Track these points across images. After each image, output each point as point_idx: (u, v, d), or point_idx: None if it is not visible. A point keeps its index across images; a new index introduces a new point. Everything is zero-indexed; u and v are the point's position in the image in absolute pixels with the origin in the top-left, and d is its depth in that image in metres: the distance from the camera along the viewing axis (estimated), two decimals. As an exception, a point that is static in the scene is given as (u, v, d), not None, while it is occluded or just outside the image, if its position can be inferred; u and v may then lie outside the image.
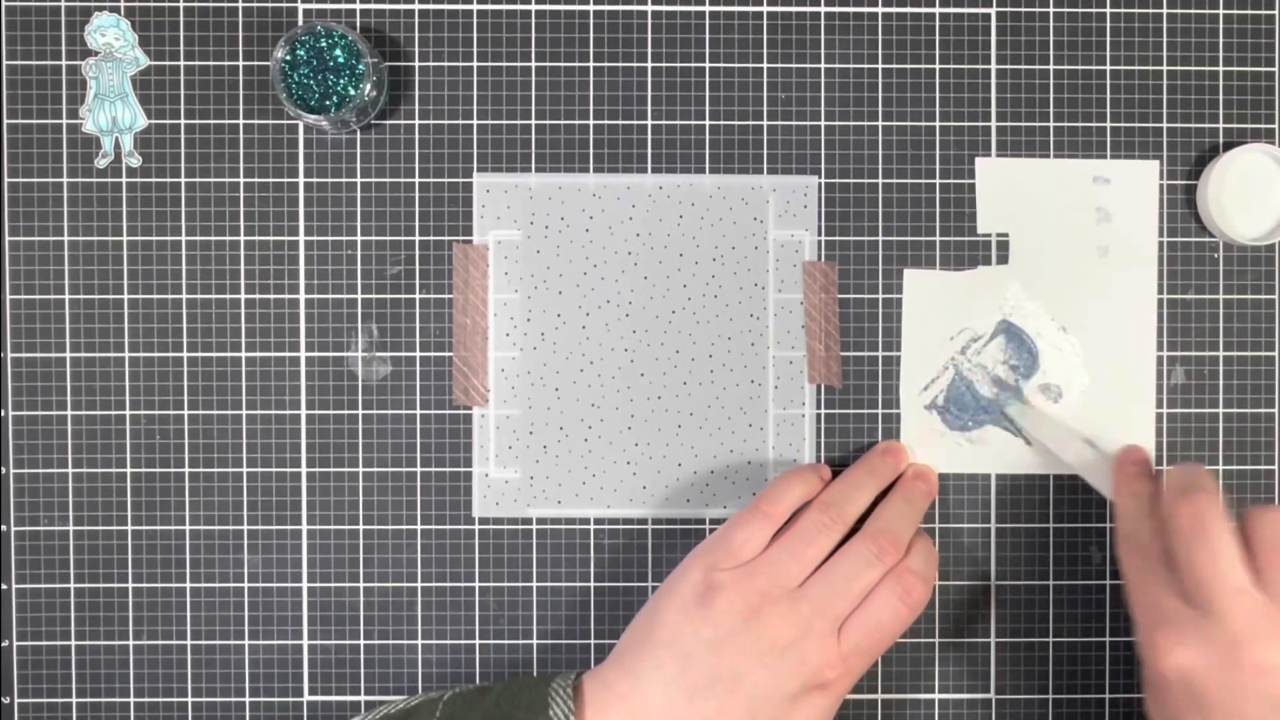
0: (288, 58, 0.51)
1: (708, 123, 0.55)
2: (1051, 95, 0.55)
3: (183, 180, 0.54)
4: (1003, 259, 0.54)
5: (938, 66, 0.55)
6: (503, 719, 0.46)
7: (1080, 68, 0.55)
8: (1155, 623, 0.44)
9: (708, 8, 0.54)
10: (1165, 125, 0.55)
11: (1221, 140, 0.55)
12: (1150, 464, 0.51)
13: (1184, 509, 0.45)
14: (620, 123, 0.54)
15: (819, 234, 0.54)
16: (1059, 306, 0.54)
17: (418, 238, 0.54)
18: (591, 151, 0.54)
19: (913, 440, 0.54)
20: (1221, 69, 0.55)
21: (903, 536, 0.49)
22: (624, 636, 0.49)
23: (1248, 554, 0.44)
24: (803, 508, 0.50)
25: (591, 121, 0.54)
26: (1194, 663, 0.43)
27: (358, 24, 0.54)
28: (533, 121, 0.54)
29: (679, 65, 0.55)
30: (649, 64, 0.55)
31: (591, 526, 0.55)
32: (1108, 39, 0.55)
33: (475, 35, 0.54)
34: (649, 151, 0.54)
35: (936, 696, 0.55)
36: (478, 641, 0.55)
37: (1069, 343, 0.54)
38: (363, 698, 0.54)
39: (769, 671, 0.46)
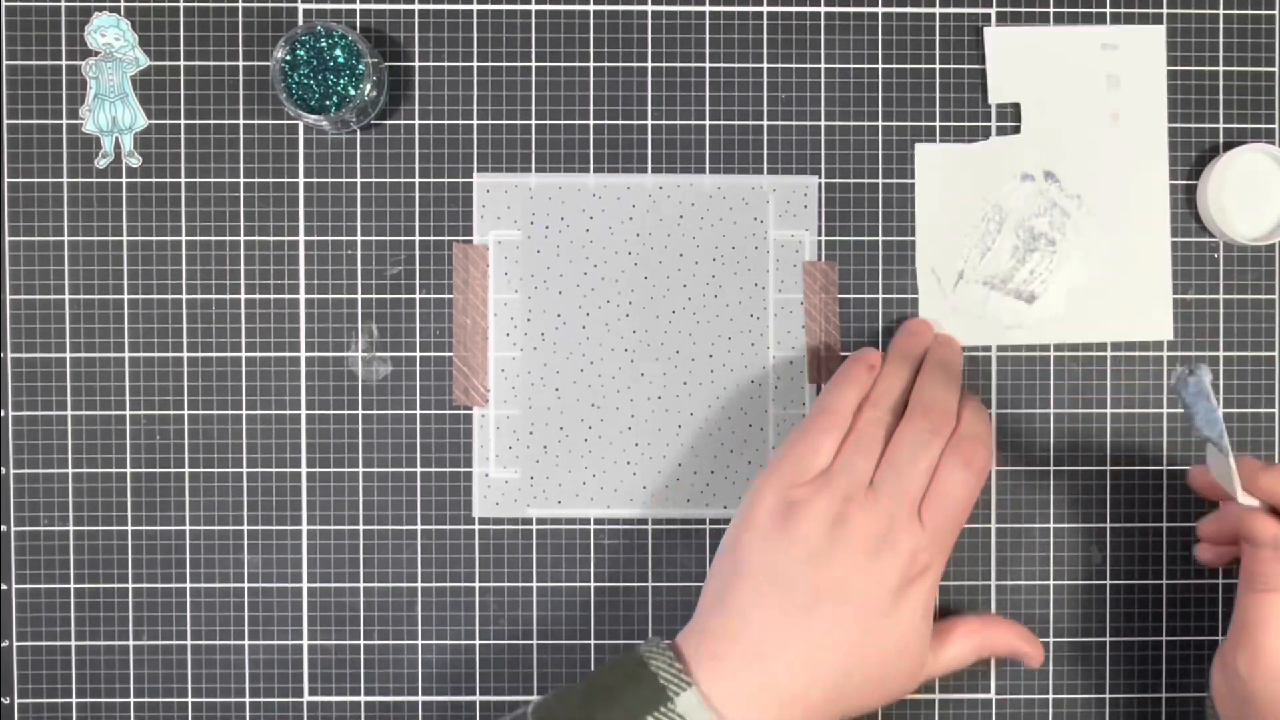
0: (288, 58, 0.51)
1: (708, 123, 0.55)
2: (1051, 95, 0.55)
3: (183, 180, 0.54)
4: (1015, 129, 0.54)
5: (937, 66, 0.55)
6: (605, 694, 0.45)
7: (1080, 68, 0.55)
8: None
9: (708, 8, 0.54)
10: (1165, 125, 0.55)
11: (1221, 140, 0.55)
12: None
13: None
14: (620, 123, 0.54)
15: (819, 234, 0.54)
16: (1072, 175, 0.54)
17: (418, 238, 0.54)
18: (591, 151, 0.54)
19: (930, 319, 0.54)
20: (1221, 69, 0.55)
21: (950, 404, 0.49)
22: (707, 585, 0.48)
23: None
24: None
25: (591, 121, 0.54)
26: None
27: (358, 24, 0.54)
28: (533, 121, 0.54)
29: (679, 65, 0.55)
30: (649, 64, 0.55)
31: (591, 526, 0.55)
32: (1108, 39, 0.55)
33: (475, 35, 0.54)
34: (649, 151, 0.54)
35: (937, 696, 0.55)
36: (478, 641, 0.55)
37: (1083, 214, 0.54)
38: (363, 698, 0.54)
39: (868, 572, 0.45)
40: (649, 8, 0.54)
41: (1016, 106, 0.54)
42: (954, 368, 0.52)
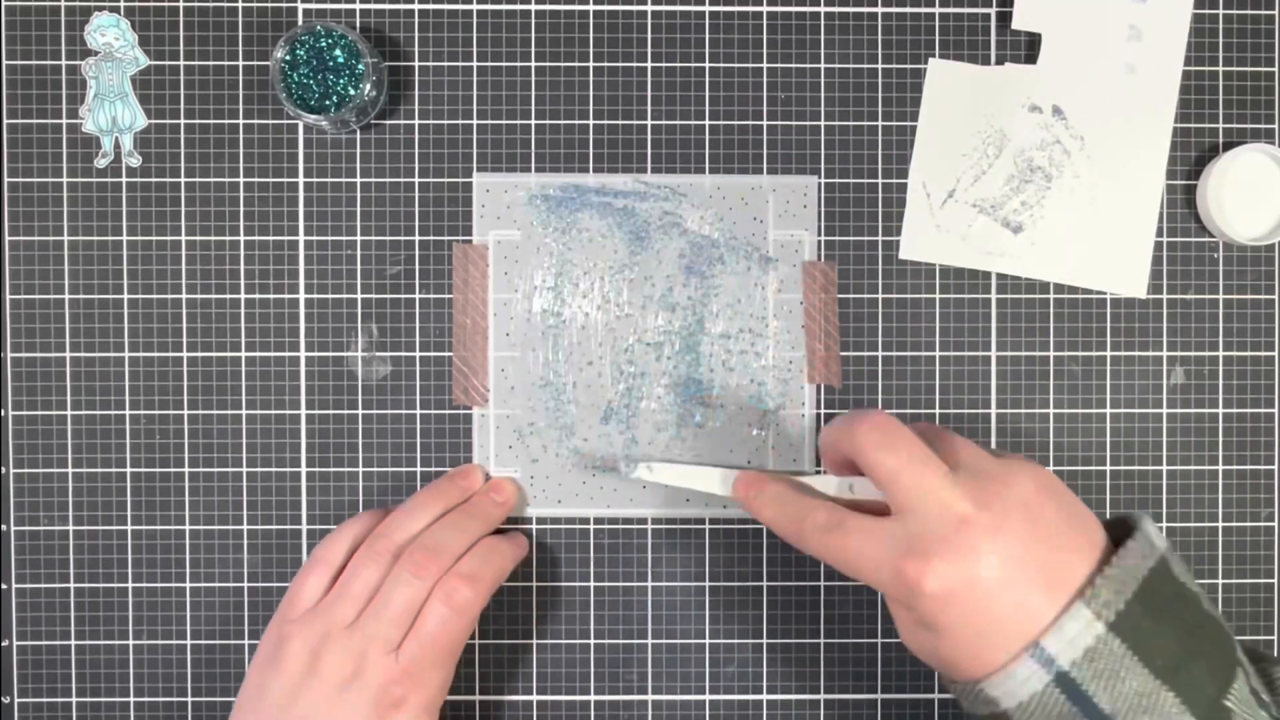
0: (288, 58, 0.51)
1: (708, 123, 0.55)
2: (1051, 95, 0.54)
3: (183, 180, 0.54)
4: (1031, 58, 0.54)
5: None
6: None
7: (1080, 68, 0.55)
8: (897, 558, 0.40)
9: (708, 8, 0.54)
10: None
11: (1221, 140, 0.55)
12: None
13: (861, 429, 0.42)
14: (620, 123, 0.54)
15: (819, 234, 0.54)
16: (1080, 116, 0.54)
17: (418, 238, 0.54)
18: (591, 151, 0.54)
19: (915, 234, 0.54)
20: (1221, 69, 0.55)
21: (447, 547, 0.50)
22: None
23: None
24: None
25: (591, 121, 0.54)
26: (950, 566, 0.40)
27: (358, 24, 0.54)
28: (533, 121, 0.54)
29: (679, 65, 0.55)
30: (649, 64, 0.55)
31: (591, 526, 0.55)
32: (1108, 39, 0.55)
33: (475, 35, 0.54)
34: (649, 151, 0.54)
35: (936, 696, 0.55)
36: (477, 641, 0.55)
37: (1080, 152, 0.54)
38: (363, 697, 0.54)
39: (337, 705, 0.47)
40: (649, 8, 0.54)
41: (1022, 53, 0.54)
42: (483, 516, 0.52)
